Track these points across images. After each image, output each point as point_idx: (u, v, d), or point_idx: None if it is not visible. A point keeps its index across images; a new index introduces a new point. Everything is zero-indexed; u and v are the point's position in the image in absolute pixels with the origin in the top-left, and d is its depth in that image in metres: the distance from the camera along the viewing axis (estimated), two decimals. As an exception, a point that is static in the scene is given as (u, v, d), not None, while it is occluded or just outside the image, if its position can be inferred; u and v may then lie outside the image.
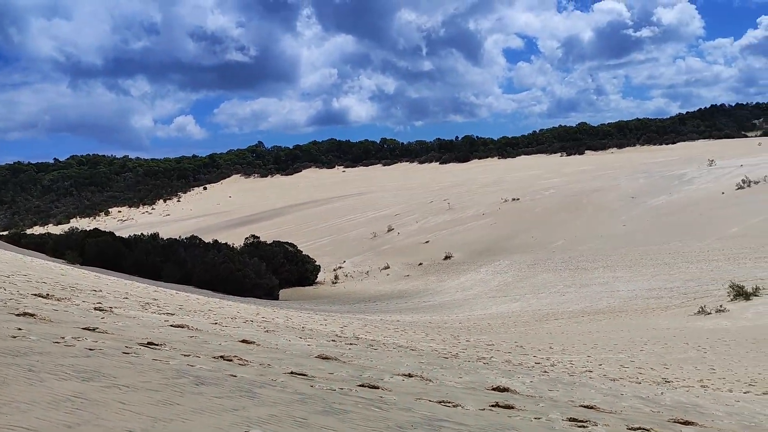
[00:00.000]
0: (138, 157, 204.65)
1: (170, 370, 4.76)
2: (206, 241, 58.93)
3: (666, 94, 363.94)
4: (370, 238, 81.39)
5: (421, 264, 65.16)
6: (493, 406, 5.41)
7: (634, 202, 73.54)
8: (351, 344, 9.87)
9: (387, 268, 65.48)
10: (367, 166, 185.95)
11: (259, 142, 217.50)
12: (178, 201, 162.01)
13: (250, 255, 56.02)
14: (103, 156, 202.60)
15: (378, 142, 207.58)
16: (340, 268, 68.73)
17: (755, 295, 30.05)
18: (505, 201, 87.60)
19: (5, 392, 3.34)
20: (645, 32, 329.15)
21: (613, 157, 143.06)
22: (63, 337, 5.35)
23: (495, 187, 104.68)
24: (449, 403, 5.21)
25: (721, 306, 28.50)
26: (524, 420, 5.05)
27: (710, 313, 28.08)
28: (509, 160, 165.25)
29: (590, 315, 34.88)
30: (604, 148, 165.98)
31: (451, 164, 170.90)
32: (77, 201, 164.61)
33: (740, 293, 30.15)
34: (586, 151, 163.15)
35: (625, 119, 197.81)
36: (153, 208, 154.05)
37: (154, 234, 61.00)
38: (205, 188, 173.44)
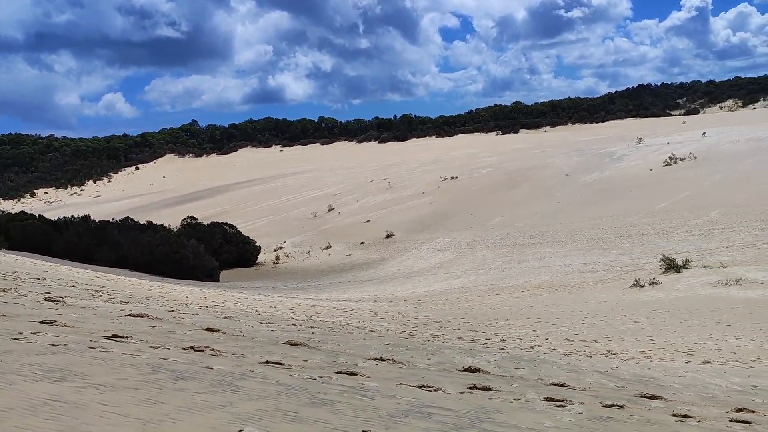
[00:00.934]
0: (65, 137, 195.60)
1: (144, 365, 4.51)
2: (141, 223, 57.15)
3: (595, 73, 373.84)
4: (310, 218, 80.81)
5: (362, 243, 65.19)
6: (471, 388, 5.40)
7: (568, 180, 75.54)
8: (311, 328, 9.73)
9: (329, 247, 65.25)
10: (305, 145, 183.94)
11: (193, 121, 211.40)
12: (109, 182, 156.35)
13: (188, 236, 54.68)
14: (27, 135, 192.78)
15: (316, 120, 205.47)
16: (280, 248, 68.03)
17: (685, 268, 31.44)
18: (444, 179, 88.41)
19: (-29, 398, 3.06)
20: (576, 12, 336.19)
21: (547, 136, 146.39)
22: (21, 333, 5.00)
23: (434, 166, 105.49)
24: (429, 387, 5.17)
25: (654, 279, 29.69)
26: (505, 402, 5.06)
27: (644, 286, 29.22)
28: (447, 138, 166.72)
29: (530, 290, 35.75)
30: (538, 126, 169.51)
31: (389, 143, 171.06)
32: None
33: (671, 266, 31.48)
34: (521, 130, 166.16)
35: (558, 98, 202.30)
36: (82, 190, 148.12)
37: (86, 216, 58.69)
38: (137, 168, 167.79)
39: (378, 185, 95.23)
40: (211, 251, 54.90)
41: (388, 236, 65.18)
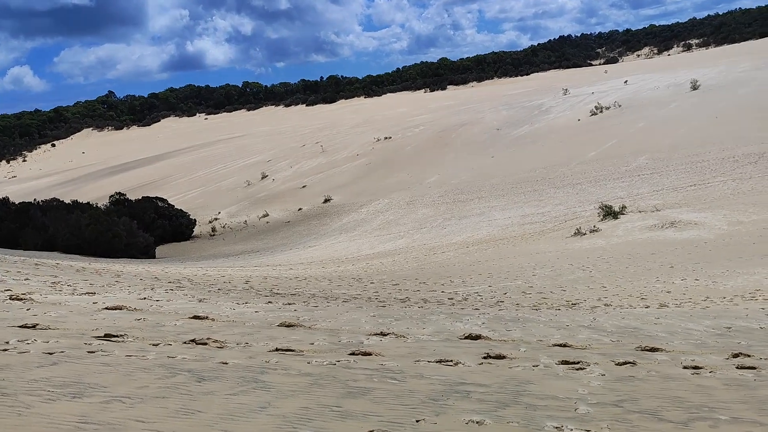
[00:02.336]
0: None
1: (155, 367, 4.12)
2: (67, 203, 54.51)
3: (517, 26, 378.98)
4: (244, 187, 79.22)
5: (300, 209, 64.48)
6: (485, 357, 5.26)
7: (499, 134, 76.60)
8: (290, 304, 9.38)
9: (266, 215, 64.25)
10: (230, 112, 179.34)
11: (110, 92, 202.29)
12: (24, 161, 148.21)
13: (118, 214, 52.58)
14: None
15: (240, 86, 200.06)
16: (216, 219, 66.53)
17: (622, 214, 32.49)
18: (378, 140, 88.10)
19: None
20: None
21: (474, 91, 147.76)
22: (7, 342, 4.47)
23: (366, 127, 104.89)
24: (448, 361, 4.99)
25: (594, 226, 30.56)
26: (526, 370, 4.95)
27: (585, 234, 30.04)
28: (376, 98, 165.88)
29: (474, 245, 36.25)
30: (465, 82, 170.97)
31: (318, 106, 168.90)
32: None
33: (609, 213, 32.45)
34: (448, 86, 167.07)
35: (482, 53, 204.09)
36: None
37: (4, 198, 55.44)
38: (53, 145, 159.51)
39: (311, 149, 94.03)
40: (143, 227, 53.06)
41: (326, 201, 64.65)
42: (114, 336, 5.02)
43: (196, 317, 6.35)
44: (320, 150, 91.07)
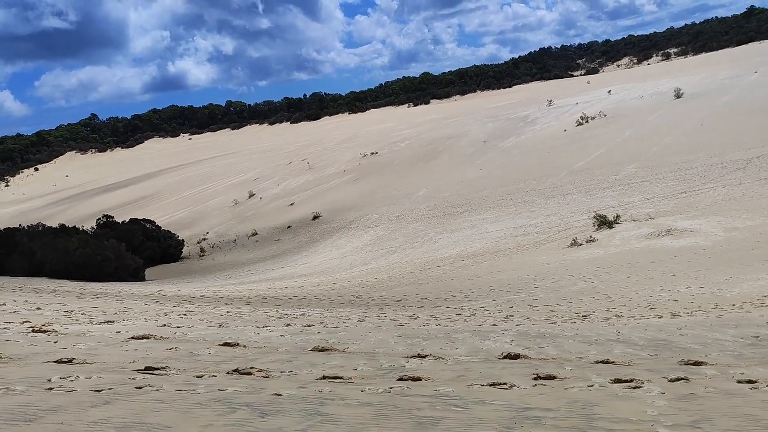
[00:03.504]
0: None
1: (211, 402, 3.86)
2: (53, 227, 53.74)
3: (497, 40, 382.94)
4: (231, 206, 78.71)
5: (289, 227, 64.05)
6: (535, 378, 5.06)
7: (486, 146, 76.84)
8: (309, 326, 9.10)
9: (255, 234, 63.76)
10: (214, 131, 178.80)
11: (93, 115, 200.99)
12: (7, 186, 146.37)
13: (106, 237, 51.91)
14: None
15: (223, 105, 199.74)
16: (204, 239, 65.93)
17: (617, 223, 32.52)
18: (364, 155, 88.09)
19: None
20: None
21: (458, 104, 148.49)
22: (49, 380, 4.20)
23: (351, 143, 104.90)
24: (502, 384, 4.78)
25: (590, 236, 30.53)
26: (583, 391, 4.75)
27: (582, 244, 29.99)
28: (359, 114, 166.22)
29: (469, 258, 36.09)
30: (448, 96, 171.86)
31: (302, 123, 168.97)
32: None
33: (604, 222, 32.46)
34: (431, 101, 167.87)
35: (464, 66, 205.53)
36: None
37: (-11, 225, 54.58)
38: (36, 169, 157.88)
39: (297, 167, 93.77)
40: (131, 250, 52.43)
41: (315, 218, 64.26)
42: (155, 369, 4.75)
43: (227, 344, 6.10)
44: (307, 167, 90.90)
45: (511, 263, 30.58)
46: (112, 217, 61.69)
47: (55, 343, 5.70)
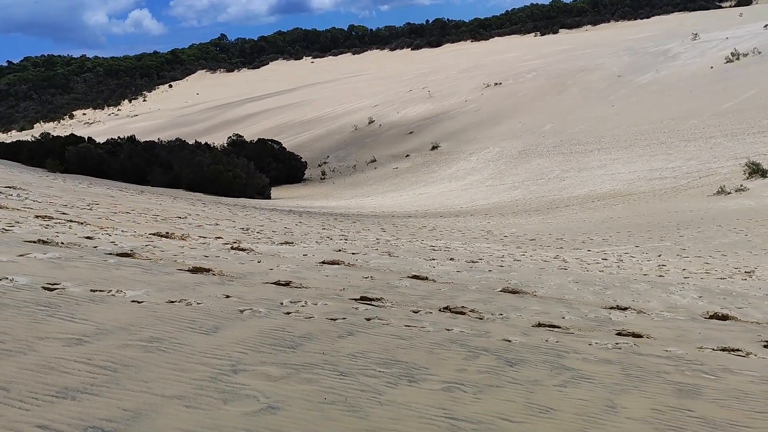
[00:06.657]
0: (97, 56, 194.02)
1: (447, 342, 3.69)
2: (189, 143, 56.66)
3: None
4: (351, 132, 79.42)
5: (408, 155, 63.93)
6: (765, 347, 4.52)
7: (620, 81, 72.22)
8: (473, 262, 8.86)
9: (374, 161, 64.20)
10: (336, 55, 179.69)
11: (222, 35, 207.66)
12: (144, 101, 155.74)
13: (236, 155, 54.14)
14: (60, 56, 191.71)
15: (346, 29, 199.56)
16: (325, 163, 67.27)
17: (772, 172, 29.72)
18: (487, 86, 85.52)
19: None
20: None
21: (590, 35, 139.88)
22: (281, 303, 4.22)
23: (474, 72, 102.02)
24: (735, 350, 4.29)
25: (741, 185, 28.13)
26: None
27: (730, 193, 27.74)
28: (483, 42, 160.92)
29: (599, 200, 34.52)
30: (578, 25, 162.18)
31: (423, 50, 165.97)
32: (38, 105, 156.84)
33: (756, 170, 29.73)
34: (560, 30, 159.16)
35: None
36: (119, 110, 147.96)
37: (131, 136, 58.27)
38: (170, 86, 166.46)
39: (417, 95, 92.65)
40: (259, 169, 54.42)
41: (433, 147, 63.63)
42: (370, 300, 4.67)
43: (416, 277, 5.97)
44: (427, 95, 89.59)
45: (648, 208, 28.90)
46: (242, 136, 64.07)
47: (259, 263, 5.77)
